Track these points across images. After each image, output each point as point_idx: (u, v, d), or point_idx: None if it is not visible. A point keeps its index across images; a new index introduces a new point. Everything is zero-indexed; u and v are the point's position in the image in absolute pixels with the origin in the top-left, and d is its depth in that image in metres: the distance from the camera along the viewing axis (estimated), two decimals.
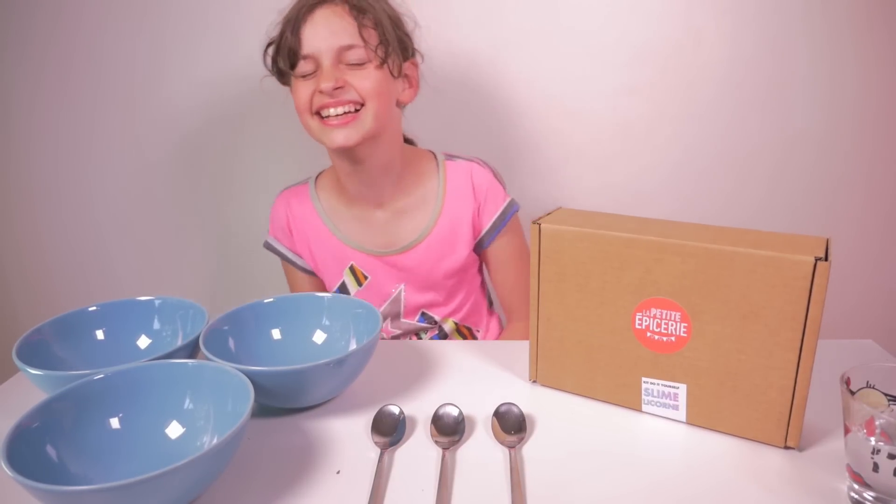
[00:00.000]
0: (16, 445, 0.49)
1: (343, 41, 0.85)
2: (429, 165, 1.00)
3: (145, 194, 1.36)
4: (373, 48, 0.86)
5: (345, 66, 0.86)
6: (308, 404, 0.68)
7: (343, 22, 0.85)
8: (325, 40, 0.85)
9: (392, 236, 0.98)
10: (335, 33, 0.85)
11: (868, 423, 0.49)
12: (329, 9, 0.86)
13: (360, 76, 0.86)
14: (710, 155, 1.29)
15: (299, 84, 0.88)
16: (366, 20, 0.86)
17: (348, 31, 0.85)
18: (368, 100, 0.87)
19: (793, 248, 0.55)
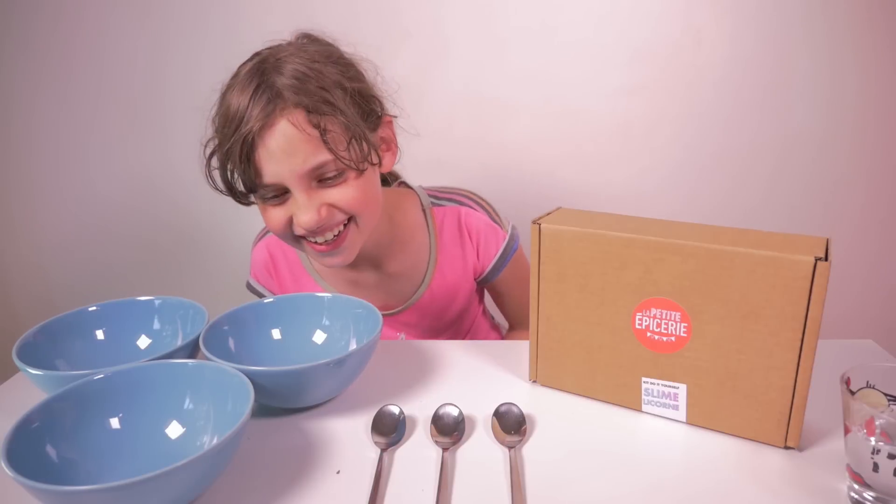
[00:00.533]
0: (16, 445, 0.49)
1: (309, 163, 0.70)
2: (416, 217, 0.90)
3: (145, 194, 1.36)
4: (344, 158, 0.71)
5: (319, 185, 0.73)
6: (308, 404, 0.68)
7: (303, 137, 0.68)
8: (287, 166, 0.70)
9: (389, 297, 0.92)
10: (296, 156, 0.69)
11: (868, 423, 0.49)
12: (279, 126, 0.68)
13: (341, 193, 0.73)
14: (709, 155, 1.29)
15: (268, 209, 0.75)
16: (327, 122, 0.69)
17: (311, 148, 0.69)
18: (357, 214, 0.75)
19: (793, 248, 0.55)
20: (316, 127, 0.69)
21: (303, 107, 0.69)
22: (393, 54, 1.02)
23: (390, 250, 0.89)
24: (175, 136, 1.31)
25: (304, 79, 0.69)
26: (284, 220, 0.74)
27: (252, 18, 1.23)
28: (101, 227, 1.38)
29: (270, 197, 0.73)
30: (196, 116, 1.30)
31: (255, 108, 0.68)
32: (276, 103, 0.69)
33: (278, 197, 0.73)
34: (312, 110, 0.69)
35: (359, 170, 0.73)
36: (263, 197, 0.74)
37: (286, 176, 0.70)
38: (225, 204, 1.36)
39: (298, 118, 0.68)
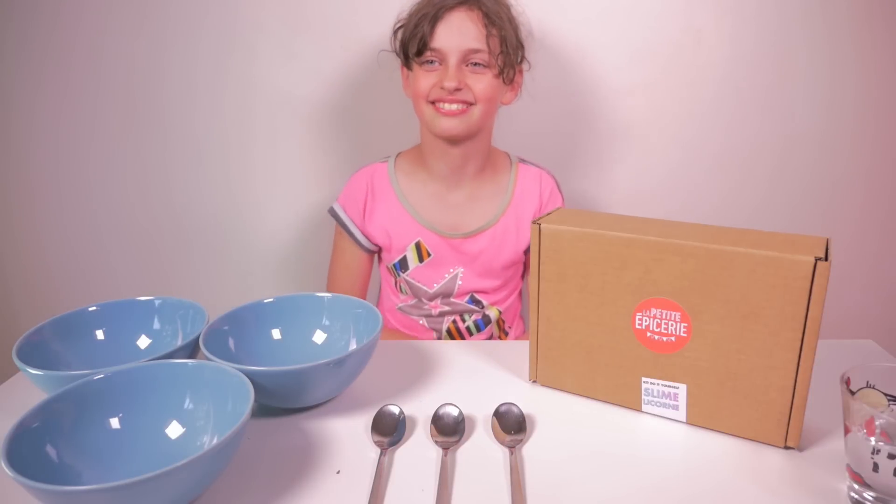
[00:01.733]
0: (16, 445, 0.49)
1: (471, 44, 0.92)
2: (504, 163, 1.08)
3: (145, 194, 1.35)
4: (495, 57, 0.94)
5: (466, 68, 0.94)
6: (308, 404, 0.68)
7: (475, 27, 0.92)
8: (456, 40, 0.92)
9: (461, 219, 1.04)
10: (466, 35, 0.92)
11: (868, 423, 0.49)
12: (465, 12, 0.93)
13: (479, 80, 0.94)
14: (709, 155, 1.29)
15: (420, 72, 0.95)
16: (494, 30, 0.93)
17: (477, 37, 0.92)
18: (480, 102, 0.94)
19: (793, 248, 0.55)
20: (486, 27, 0.92)
21: (484, 10, 0.93)
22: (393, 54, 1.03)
23: (477, 175, 1.04)
24: (175, 136, 1.31)
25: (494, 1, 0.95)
26: (430, 84, 0.94)
27: (251, 19, 1.23)
28: (101, 226, 1.38)
29: (430, 62, 0.94)
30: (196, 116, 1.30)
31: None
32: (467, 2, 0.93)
33: (433, 63, 0.94)
34: (489, 16, 0.93)
35: (499, 70, 0.94)
36: (424, 61, 0.95)
37: (452, 46, 0.92)
38: (225, 204, 1.36)
39: (479, 14, 0.93)
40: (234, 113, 1.29)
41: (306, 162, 1.32)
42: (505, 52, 0.94)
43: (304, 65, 1.26)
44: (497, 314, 1.08)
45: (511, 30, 0.96)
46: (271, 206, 1.35)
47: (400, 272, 1.05)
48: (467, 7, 0.93)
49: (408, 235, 1.04)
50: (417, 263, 1.05)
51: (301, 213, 1.35)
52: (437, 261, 1.04)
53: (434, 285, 1.05)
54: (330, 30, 1.23)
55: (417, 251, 1.04)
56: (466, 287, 1.05)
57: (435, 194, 1.05)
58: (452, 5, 0.92)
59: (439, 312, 1.07)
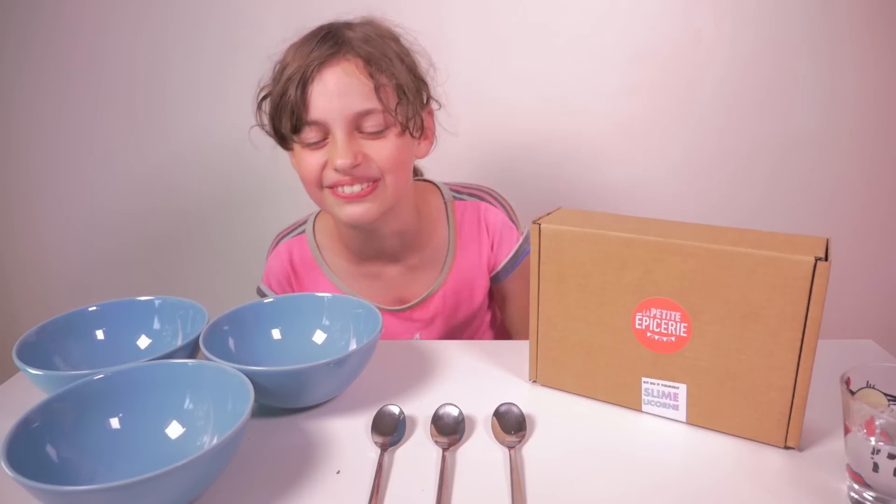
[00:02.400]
0: (16, 445, 0.49)
1: (358, 106, 0.73)
2: (438, 209, 0.92)
3: (145, 194, 1.36)
4: (392, 112, 0.75)
5: (360, 135, 0.75)
6: (308, 404, 0.68)
7: (358, 82, 0.73)
8: (338, 105, 0.73)
9: (404, 292, 0.92)
10: (349, 96, 0.73)
11: (868, 423, 0.49)
12: (340, 66, 0.73)
13: (379, 147, 0.76)
14: (709, 155, 1.29)
15: (305, 154, 0.77)
16: (383, 77, 0.74)
17: (364, 94, 0.73)
18: (388, 173, 0.77)
19: (793, 248, 0.55)
20: (372, 77, 0.73)
21: (364, 56, 0.73)
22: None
23: (414, 243, 0.90)
24: (175, 136, 1.31)
25: (370, 39, 0.75)
26: (319, 165, 0.76)
27: (252, 19, 1.23)
28: (101, 227, 1.38)
29: (311, 141, 0.76)
30: (196, 116, 1.30)
31: (321, 48, 0.73)
32: (342, 47, 0.74)
33: (318, 142, 0.76)
34: (373, 62, 0.73)
35: (402, 127, 0.76)
36: (304, 140, 0.76)
37: (334, 115, 0.73)
38: (225, 204, 1.36)
39: (358, 64, 0.73)
40: (234, 113, 1.30)
41: None
42: (404, 100, 0.75)
43: None
44: None
45: (405, 70, 0.76)
46: (271, 205, 1.36)
47: None
48: (342, 57, 0.73)
49: None
50: None
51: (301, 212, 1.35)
52: (390, 334, 0.93)
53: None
54: None
55: None
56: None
57: (367, 275, 0.91)
58: (322, 59, 0.72)
59: None
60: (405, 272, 0.91)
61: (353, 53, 0.73)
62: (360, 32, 0.76)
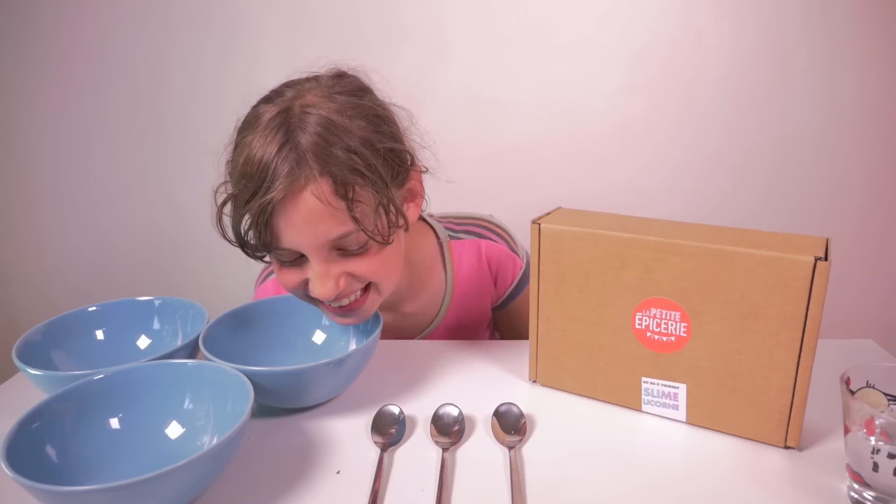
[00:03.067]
0: (16, 445, 0.49)
1: (332, 233, 0.63)
2: (433, 254, 0.86)
3: (145, 194, 1.36)
4: (372, 229, 0.64)
5: (339, 253, 0.66)
6: (308, 404, 0.68)
7: (327, 210, 0.61)
8: (309, 236, 0.63)
9: (401, 334, 0.88)
10: (319, 225, 0.62)
11: (868, 423, 0.49)
12: (305, 196, 0.61)
13: (362, 263, 0.67)
14: (709, 154, 1.29)
15: (282, 271, 0.69)
16: (356, 191, 0.62)
17: (337, 220, 0.62)
18: (377, 281, 0.70)
19: (793, 247, 0.55)
20: (343, 198, 0.61)
21: (329, 176, 0.61)
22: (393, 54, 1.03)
23: (408, 293, 0.84)
24: (175, 136, 1.31)
25: (331, 140, 0.62)
26: (299, 282, 0.68)
27: (252, 19, 1.23)
28: (101, 227, 1.38)
29: (286, 261, 0.67)
30: (196, 116, 1.30)
31: (279, 171, 0.60)
32: (302, 170, 0.61)
33: (294, 262, 0.67)
34: (340, 181, 0.61)
35: (385, 242, 0.67)
36: (280, 259, 0.68)
37: (305, 246, 0.64)
38: None
39: (324, 189, 0.61)
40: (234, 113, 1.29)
41: None
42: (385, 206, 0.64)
43: (304, 65, 1.25)
44: None
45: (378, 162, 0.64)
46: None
47: None
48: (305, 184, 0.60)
49: None
50: None
51: None
52: None
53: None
54: (330, 30, 1.23)
55: None
56: None
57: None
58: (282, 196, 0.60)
59: None
60: (401, 318, 0.87)
61: (316, 175, 0.61)
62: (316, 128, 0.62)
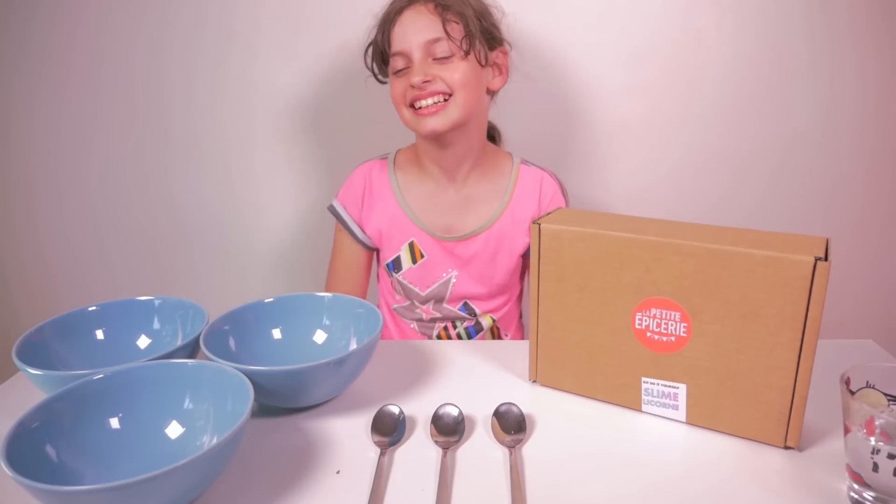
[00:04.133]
0: (16, 445, 0.49)
1: (428, 36, 0.91)
2: (505, 163, 1.05)
3: (145, 194, 1.35)
4: (457, 41, 0.92)
5: (433, 61, 0.92)
6: (308, 404, 0.68)
7: (428, 19, 0.91)
8: (413, 37, 0.92)
9: (456, 221, 1.02)
10: (421, 30, 0.91)
11: (868, 423, 0.49)
12: (415, 9, 0.92)
13: (448, 69, 0.92)
14: (709, 155, 1.29)
15: (394, 80, 0.96)
16: (449, 15, 0.91)
17: (433, 27, 0.91)
18: (456, 90, 0.92)
19: (793, 247, 0.55)
20: (439, 15, 0.91)
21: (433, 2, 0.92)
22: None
23: (474, 173, 1.02)
24: (175, 136, 1.31)
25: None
26: (403, 88, 0.93)
27: (251, 19, 1.23)
28: (101, 226, 1.38)
29: (397, 69, 0.94)
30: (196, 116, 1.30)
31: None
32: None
33: (402, 70, 0.94)
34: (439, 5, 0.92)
35: (463, 52, 0.92)
36: (392, 68, 0.95)
37: (410, 44, 0.91)
38: (225, 204, 1.36)
39: (427, 7, 0.92)
40: (234, 113, 1.29)
41: (306, 162, 1.32)
42: (468, 33, 0.93)
43: (303, 65, 1.26)
44: (491, 322, 1.06)
45: (471, 10, 0.94)
46: (271, 205, 1.36)
47: (393, 272, 1.04)
48: (417, 2, 0.93)
49: (402, 235, 1.03)
50: (411, 264, 1.03)
51: (301, 212, 1.35)
52: (430, 263, 1.03)
53: (426, 288, 1.03)
54: (329, 30, 1.23)
55: (411, 252, 1.03)
56: (459, 292, 1.03)
57: (430, 194, 1.03)
58: (402, 6, 0.93)
59: (430, 318, 1.05)
60: (463, 201, 1.02)
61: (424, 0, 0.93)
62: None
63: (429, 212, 1.02)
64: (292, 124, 1.29)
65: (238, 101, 1.29)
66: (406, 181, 1.04)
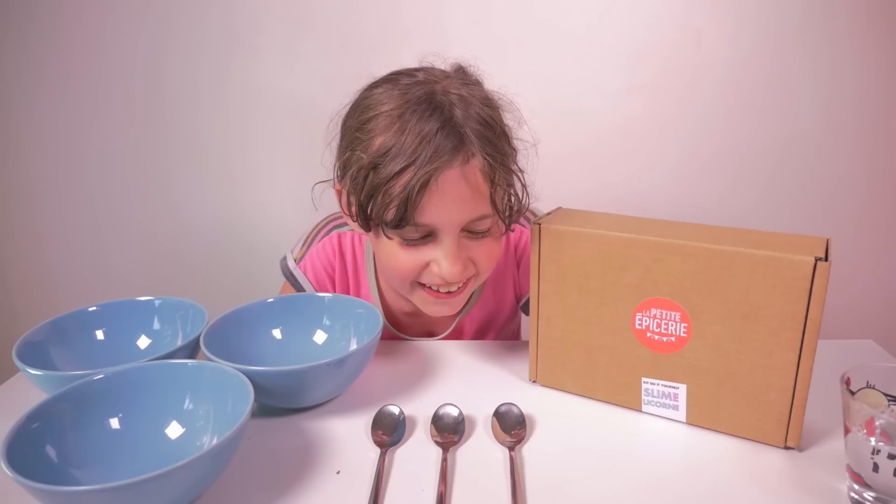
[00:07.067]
0: (16, 445, 0.49)
1: (474, 214, 0.66)
2: None
3: (145, 194, 1.36)
4: (503, 216, 0.69)
5: (464, 235, 0.69)
6: (308, 404, 0.68)
7: (476, 190, 0.65)
8: (454, 214, 0.66)
9: (435, 327, 0.89)
10: (466, 204, 0.65)
11: (868, 423, 0.49)
12: (462, 170, 0.64)
13: (481, 247, 0.70)
14: (709, 155, 1.29)
15: (398, 250, 0.69)
16: (498, 177, 0.65)
17: (480, 200, 0.66)
18: (483, 271, 0.73)
19: (793, 248, 0.55)
20: (490, 181, 0.65)
21: (485, 158, 0.64)
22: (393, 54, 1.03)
23: None
24: (176, 136, 1.31)
25: (487, 127, 0.65)
26: (419, 265, 0.69)
27: (252, 19, 1.23)
28: (101, 226, 1.38)
29: (411, 239, 0.68)
30: (196, 116, 1.30)
31: (442, 147, 0.62)
32: (466, 147, 0.64)
33: (420, 240, 0.68)
34: (493, 166, 0.65)
35: (509, 228, 0.71)
36: (403, 236, 0.68)
37: (446, 222, 0.66)
38: (226, 204, 1.36)
39: (479, 169, 0.65)
40: (235, 113, 1.30)
41: (306, 162, 1.32)
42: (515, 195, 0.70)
43: (304, 65, 1.26)
44: None
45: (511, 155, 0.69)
46: (272, 206, 1.36)
47: None
48: (463, 160, 0.64)
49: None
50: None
51: (301, 213, 1.35)
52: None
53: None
54: (330, 30, 1.23)
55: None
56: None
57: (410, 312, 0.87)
58: (444, 164, 0.62)
59: None
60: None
61: (474, 155, 0.65)
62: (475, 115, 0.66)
63: (406, 318, 0.88)
64: (293, 124, 1.29)
65: (238, 102, 1.29)
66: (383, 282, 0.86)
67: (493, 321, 0.91)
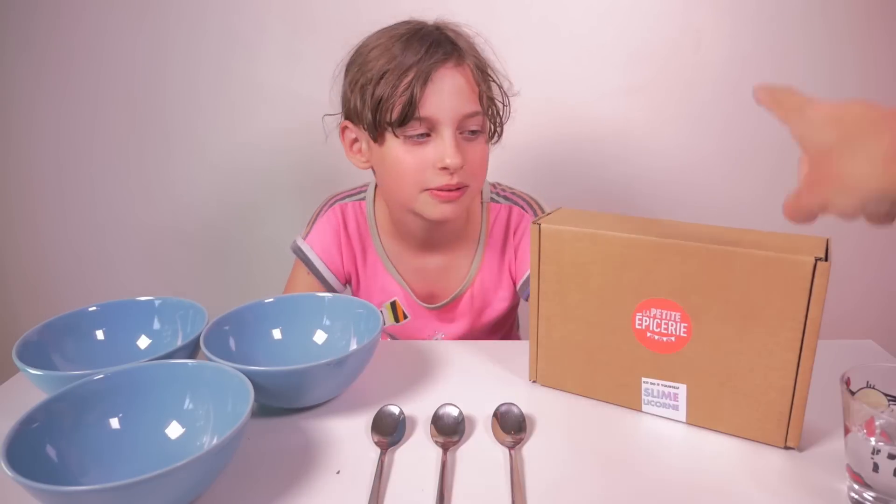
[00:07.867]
0: (16, 445, 0.49)
1: (467, 108, 0.77)
2: (477, 206, 0.93)
3: (145, 194, 1.36)
4: (489, 118, 0.80)
5: (460, 136, 0.78)
6: (308, 404, 0.68)
7: (468, 86, 0.77)
8: (450, 105, 0.76)
9: (438, 288, 0.93)
10: (460, 98, 0.76)
11: (868, 424, 0.49)
12: (454, 70, 0.76)
13: (473, 149, 0.79)
14: (708, 154, 1.29)
15: (403, 151, 0.77)
16: (485, 85, 0.79)
17: (472, 97, 0.77)
18: (474, 178, 0.80)
19: (793, 248, 0.55)
20: (478, 84, 0.78)
21: (473, 64, 0.78)
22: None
23: (455, 232, 0.91)
24: (176, 136, 1.31)
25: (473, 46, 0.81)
26: (422, 164, 0.77)
27: (253, 19, 1.23)
28: (101, 226, 1.38)
29: (414, 134, 0.77)
30: (196, 116, 1.30)
31: (440, 49, 0.76)
32: (458, 52, 0.77)
33: (421, 137, 0.77)
34: (480, 70, 0.79)
35: (496, 131, 0.83)
36: (408, 132, 0.76)
37: (445, 113, 0.76)
38: (225, 204, 1.36)
39: (469, 70, 0.78)
40: (235, 113, 1.30)
41: (307, 162, 1.32)
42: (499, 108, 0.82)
43: (305, 65, 1.26)
44: None
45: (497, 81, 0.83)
46: (271, 205, 1.36)
47: None
48: (456, 62, 0.77)
49: (383, 293, 0.93)
50: (393, 322, 0.94)
51: (301, 213, 1.35)
52: (414, 324, 0.94)
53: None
54: (332, 30, 1.23)
55: (393, 310, 0.94)
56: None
57: (413, 258, 0.91)
58: (440, 61, 0.75)
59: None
60: (442, 265, 0.92)
61: (465, 60, 0.78)
62: (465, 36, 0.81)
63: (411, 275, 0.92)
64: (293, 124, 1.29)
65: (239, 101, 1.29)
66: (392, 246, 0.92)
67: (491, 299, 0.94)
